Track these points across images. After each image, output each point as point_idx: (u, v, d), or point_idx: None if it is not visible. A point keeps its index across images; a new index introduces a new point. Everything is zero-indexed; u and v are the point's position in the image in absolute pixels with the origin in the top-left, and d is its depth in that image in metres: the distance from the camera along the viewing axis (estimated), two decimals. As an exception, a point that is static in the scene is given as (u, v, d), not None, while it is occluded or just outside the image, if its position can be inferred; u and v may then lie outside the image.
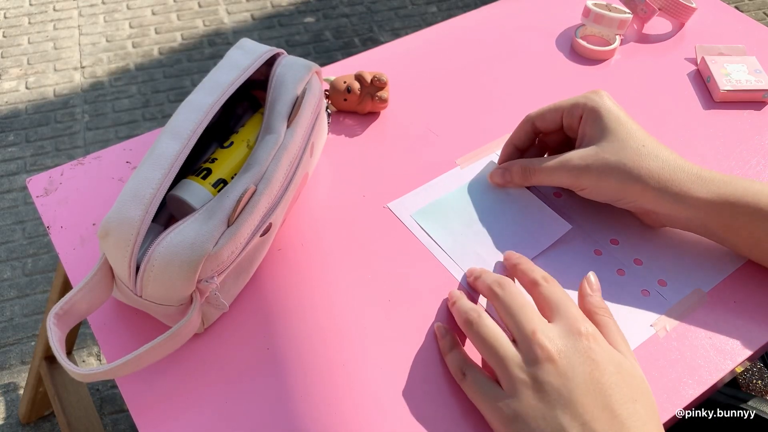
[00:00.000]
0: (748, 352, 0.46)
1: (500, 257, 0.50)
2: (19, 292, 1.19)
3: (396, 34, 1.78)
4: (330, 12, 1.85)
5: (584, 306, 0.43)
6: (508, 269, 0.48)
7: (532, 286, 0.43)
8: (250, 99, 0.54)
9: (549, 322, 0.41)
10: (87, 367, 0.61)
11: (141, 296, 0.42)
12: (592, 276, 0.45)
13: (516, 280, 0.46)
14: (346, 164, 0.58)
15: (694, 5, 0.72)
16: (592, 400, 0.36)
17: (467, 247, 0.51)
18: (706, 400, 0.55)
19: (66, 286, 0.68)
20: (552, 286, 0.43)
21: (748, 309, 0.48)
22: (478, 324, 0.41)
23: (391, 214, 0.54)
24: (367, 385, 0.44)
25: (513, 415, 0.37)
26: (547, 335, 0.39)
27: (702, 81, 0.67)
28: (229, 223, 0.42)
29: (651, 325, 0.47)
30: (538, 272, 0.44)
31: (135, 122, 1.52)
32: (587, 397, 0.36)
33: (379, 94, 0.60)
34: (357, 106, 0.60)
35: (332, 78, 0.61)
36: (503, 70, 0.68)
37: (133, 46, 1.72)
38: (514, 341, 0.40)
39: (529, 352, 0.39)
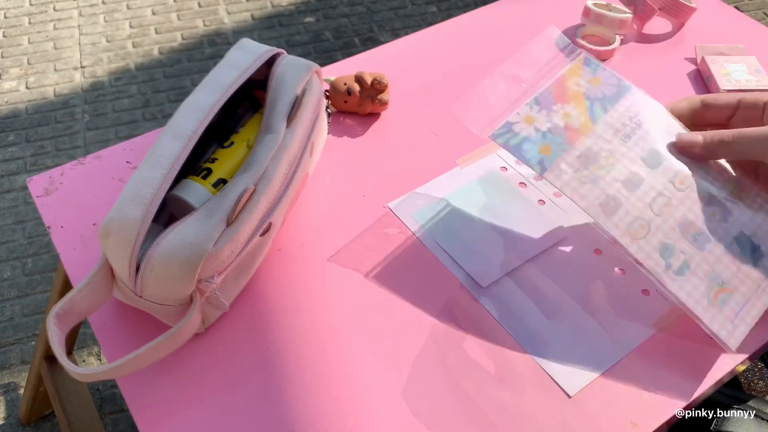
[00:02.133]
0: (748, 352, 0.46)
1: (501, 257, 0.50)
2: (20, 291, 1.19)
3: (396, 34, 1.78)
4: (330, 12, 1.85)
5: None
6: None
7: None
8: (250, 99, 0.54)
9: None
10: (87, 366, 0.61)
11: (141, 296, 0.42)
12: None
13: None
14: (346, 164, 0.58)
15: (694, 5, 0.72)
16: None
17: (468, 246, 0.51)
18: (706, 400, 0.55)
19: (66, 286, 0.68)
20: None
21: (748, 309, 0.48)
22: None
23: (391, 214, 0.54)
24: (367, 385, 0.44)
25: None
26: None
27: (702, 81, 0.67)
28: (229, 223, 0.42)
29: (651, 325, 0.47)
30: None
31: (135, 122, 1.52)
32: None
33: (379, 96, 0.60)
34: (357, 107, 0.60)
35: (332, 78, 0.61)
36: (503, 70, 0.68)
37: (133, 46, 1.72)
38: None
39: None
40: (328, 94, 0.61)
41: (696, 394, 0.44)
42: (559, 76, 0.49)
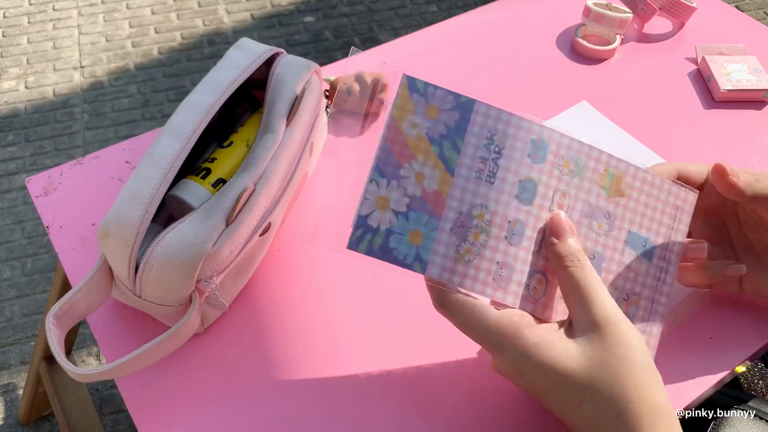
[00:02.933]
0: (748, 352, 0.46)
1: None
2: (19, 292, 1.19)
3: (396, 33, 1.78)
4: (330, 12, 1.85)
5: None
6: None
7: None
8: (249, 99, 0.54)
9: None
10: (86, 367, 0.61)
11: (140, 296, 0.42)
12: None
13: None
14: (346, 164, 0.57)
15: (694, 5, 0.71)
16: None
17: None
18: (706, 400, 0.55)
19: (65, 287, 0.68)
20: None
21: (748, 309, 0.48)
22: None
23: (391, 214, 0.53)
24: (366, 385, 0.43)
25: None
26: None
27: (702, 80, 0.67)
28: (228, 223, 0.42)
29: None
30: None
31: (134, 122, 1.52)
32: None
33: (379, 96, 0.60)
34: (357, 107, 0.60)
35: (332, 78, 0.61)
36: (503, 69, 0.68)
37: (133, 46, 1.71)
38: None
39: None
40: (327, 93, 0.60)
41: (696, 395, 0.44)
42: (390, 123, 0.38)
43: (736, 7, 1.92)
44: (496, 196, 0.38)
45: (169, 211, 0.48)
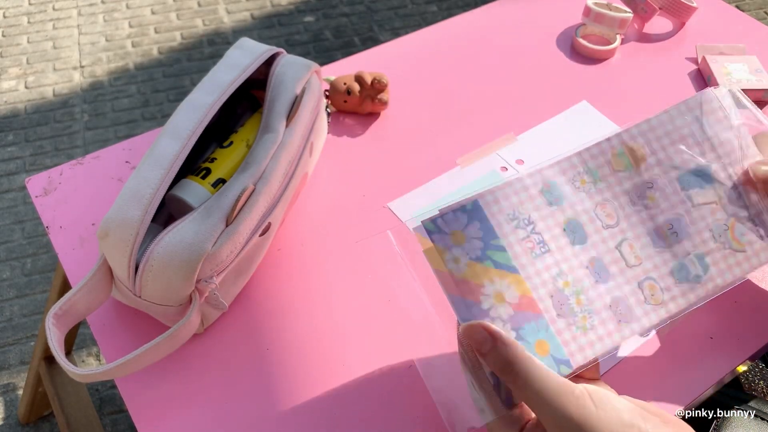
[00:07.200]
0: (748, 353, 0.46)
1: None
2: (19, 292, 1.18)
3: (396, 33, 1.78)
4: (330, 11, 1.85)
5: None
6: None
7: None
8: (249, 99, 0.54)
9: None
10: (86, 367, 0.61)
11: (140, 296, 0.42)
12: None
13: None
14: (346, 164, 0.57)
15: (694, 5, 0.71)
16: None
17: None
18: (706, 400, 0.55)
19: (65, 287, 0.68)
20: None
21: (748, 309, 0.48)
22: None
23: (391, 214, 0.53)
24: (367, 385, 0.43)
25: None
26: None
27: (703, 80, 0.67)
28: (228, 223, 0.42)
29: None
30: None
31: (134, 122, 1.52)
32: None
33: (379, 96, 0.60)
34: (357, 107, 0.60)
35: (332, 78, 0.61)
36: (503, 69, 0.67)
37: (133, 46, 1.71)
38: None
39: None
40: (327, 93, 0.60)
41: (696, 395, 0.44)
42: (439, 278, 0.37)
43: (736, 7, 1.92)
44: (560, 257, 0.38)
45: (169, 211, 0.48)
